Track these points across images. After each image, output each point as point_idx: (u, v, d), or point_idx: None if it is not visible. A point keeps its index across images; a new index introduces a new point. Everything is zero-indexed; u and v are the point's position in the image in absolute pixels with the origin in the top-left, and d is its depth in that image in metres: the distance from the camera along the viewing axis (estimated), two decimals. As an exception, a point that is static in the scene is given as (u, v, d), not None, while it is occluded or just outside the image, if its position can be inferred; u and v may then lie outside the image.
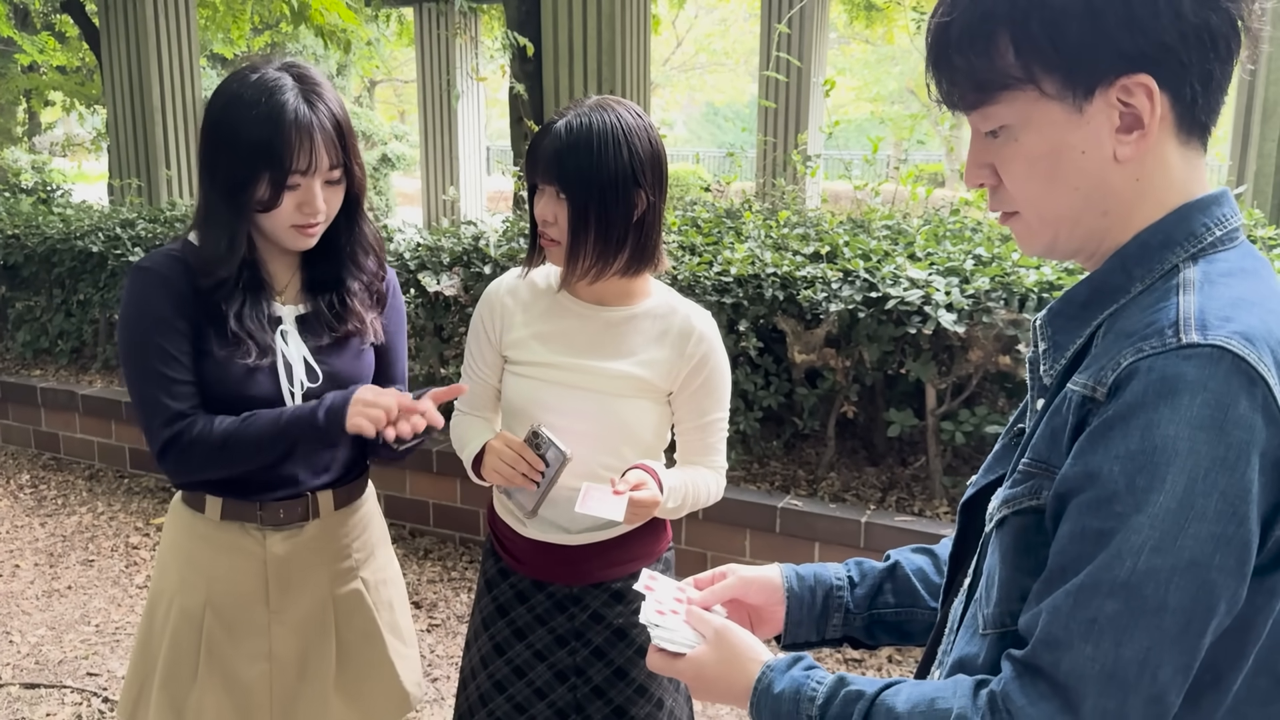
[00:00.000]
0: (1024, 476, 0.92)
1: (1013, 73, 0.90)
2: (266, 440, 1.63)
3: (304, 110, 1.60)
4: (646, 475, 1.66)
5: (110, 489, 4.79)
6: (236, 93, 1.62)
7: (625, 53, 5.57)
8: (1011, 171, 0.95)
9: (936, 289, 3.21)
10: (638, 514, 1.63)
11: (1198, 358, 0.81)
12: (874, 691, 0.93)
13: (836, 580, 1.22)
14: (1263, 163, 6.98)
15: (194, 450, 1.62)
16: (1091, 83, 0.88)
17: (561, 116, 1.67)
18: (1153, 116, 0.88)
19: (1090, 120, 0.90)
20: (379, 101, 26.44)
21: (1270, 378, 0.81)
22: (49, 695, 3.08)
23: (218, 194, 1.64)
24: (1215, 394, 0.80)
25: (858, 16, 12.32)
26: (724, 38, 26.30)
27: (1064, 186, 0.93)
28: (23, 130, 15.62)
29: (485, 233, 4.27)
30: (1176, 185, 0.92)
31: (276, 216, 1.64)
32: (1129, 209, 0.92)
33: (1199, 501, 0.79)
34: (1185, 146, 0.92)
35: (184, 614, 1.76)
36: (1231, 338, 0.81)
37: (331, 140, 1.63)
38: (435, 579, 3.84)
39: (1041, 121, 0.91)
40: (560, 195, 1.64)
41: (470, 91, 12.06)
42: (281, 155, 1.58)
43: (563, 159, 1.63)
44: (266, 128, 1.58)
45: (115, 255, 5.15)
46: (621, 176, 1.63)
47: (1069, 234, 0.96)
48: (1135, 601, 0.80)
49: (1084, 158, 0.91)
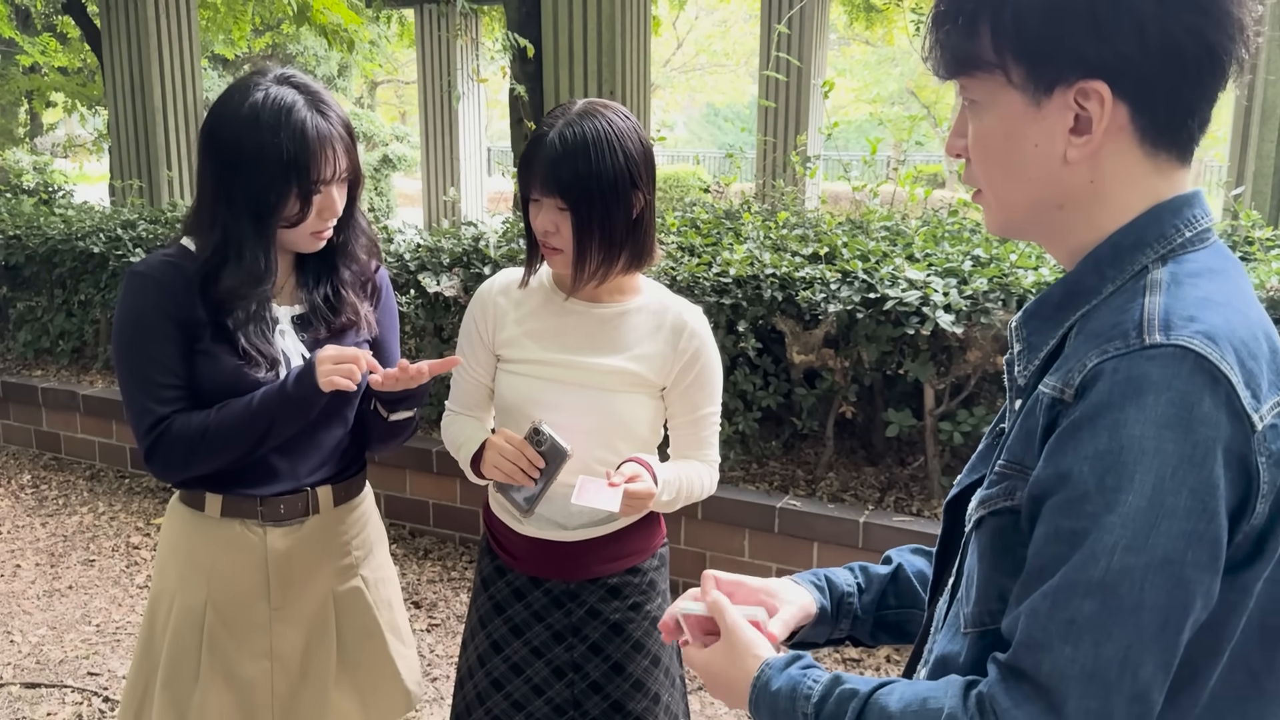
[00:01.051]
0: (1000, 477, 0.94)
1: (986, 56, 0.92)
2: (243, 422, 1.65)
3: (321, 123, 1.64)
4: (641, 468, 1.68)
5: (111, 489, 4.80)
6: (250, 117, 1.61)
7: (625, 54, 5.58)
8: (974, 148, 0.98)
9: (935, 290, 3.22)
10: (633, 506, 1.65)
11: (1161, 358, 0.82)
12: (868, 691, 0.94)
13: (846, 588, 1.23)
14: (1261, 164, 6.99)
15: (176, 446, 1.65)
16: (1051, 80, 0.90)
17: (551, 126, 1.67)
18: (1100, 124, 0.89)
19: (1046, 116, 0.91)
20: (380, 102, 26.48)
21: (1233, 375, 0.82)
22: (50, 695, 3.09)
23: (244, 218, 1.64)
24: (1179, 393, 0.81)
25: (857, 18, 12.33)
26: (724, 39, 26.31)
27: (1019, 174, 0.95)
28: (24, 131, 15.64)
29: (485, 233, 4.28)
30: (1143, 191, 0.93)
31: (299, 227, 1.68)
32: (1087, 208, 0.94)
33: (1169, 499, 0.80)
34: (1153, 157, 0.92)
35: (185, 612, 1.76)
36: (1194, 337, 0.82)
37: (347, 146, 1.69)
38: (435, 579, 3.85)
39: (1003, 108, 0.93)
40: (562, 207, 1.66)
41: (471, 93, 12.07)
42: (309, 171, 1.62)
43: (560, 171, 1.64)
44: (293, 147, 1.61)
45: (116, 256, 5.17)
46: (619, 180, 1.65)
47: (1024, 219, 0.98)
48: (1112, 601, 0.81)
49: (1036, 151, 0.93)
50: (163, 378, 1.66)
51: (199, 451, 1.66)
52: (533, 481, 1.68)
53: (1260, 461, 0.83)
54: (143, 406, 1.67)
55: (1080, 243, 0.95)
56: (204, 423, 1.65)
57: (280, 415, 1.66)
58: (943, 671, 0.98)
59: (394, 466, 4.14)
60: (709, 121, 33.33)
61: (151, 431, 1.66)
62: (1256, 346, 0.86)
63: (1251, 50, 0.90)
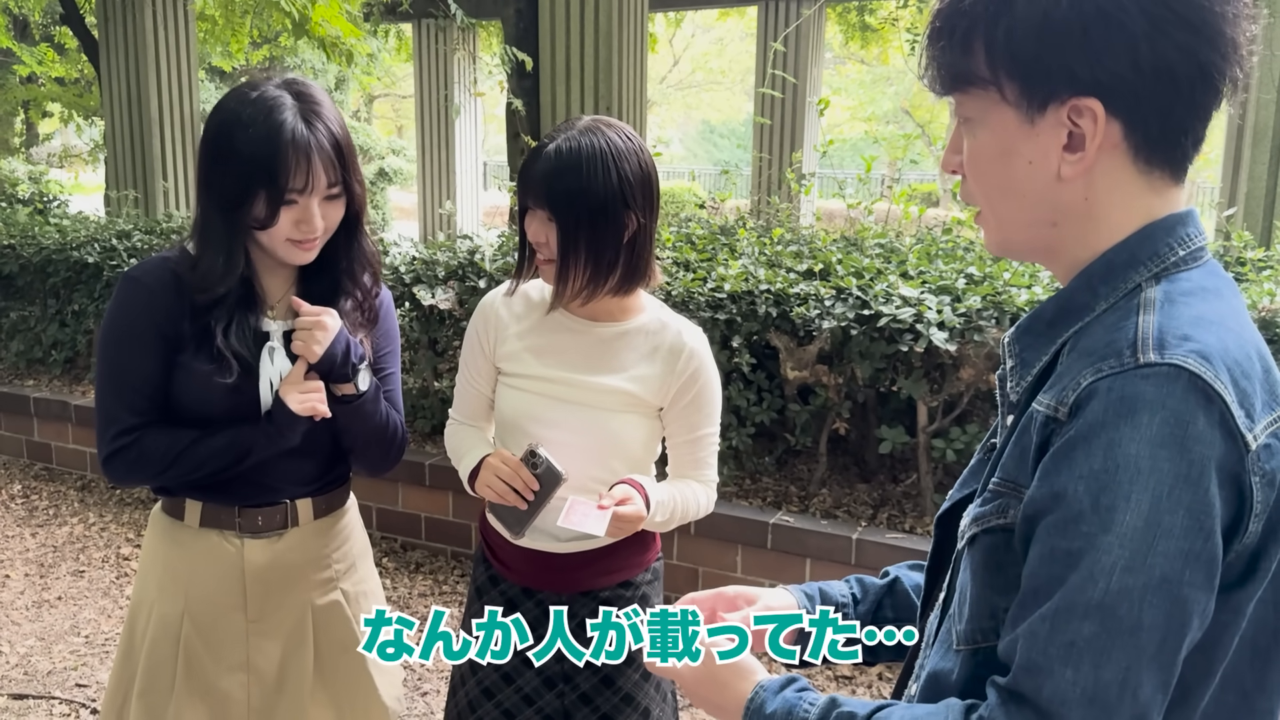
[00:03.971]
0: (993, 495, 0.93)
1: (980, 72, 0.92)
2: (216, 453, 1.67)
3: (302, 130, 1.59)
4: (633, 490, 1.67)
5: (102, 500, 4.77)
6: (235, 111, 1.62)
7: (622, 70, 5.60)
8: (970, 164, 0.98)
9: (928, 307, 3.23)
10: (621, 529, 1.65)
11: (1155, 377, 0.82)
12: (866, 713, 0.93)
13: (841, 599, 1.23)
14: (1253, 185, 7.04)
15: (142, 462, 1.68)
16: (1045, 97, 0.90)
17: (552, 139, 1.68)
18: (1093, 141, 0.89)
19: (1040, 133, 0.91)
20: (377, 116, 26.51)
21: (1227, 395, 0.82)
22: (37, 706, 3.07)
23: (215, 210, 1.64)
24: (1174, 412, 0.81)
25: (853, 37, 12.41)
26: (720, 56, 26.46)
27: (1013, 191, 0.95)
28: (20, 141, 15.64)
29: (480, 247, 4.29)
30: (1137, 209, 0.93)
31: (273, 232, 1.64)
32: (1082, 225, 0.94)
33: (1165, 519, 0.80)
34: (1146, 174, 0.92)
35: (162, 622, 1.76)
36: (1188, 356, 0.83)
37: (330, 160, 1.62)
38: (426, 592, 3.84)
39: (996, 124, 0.94)
40: (550, 219, 1.66)
41: (468, 107, 12.10)
42: (277, 175, 1.58)
43: (551, 183, 1.64)
44: (264, 147, 1.58)
45: (110, 266, 5.16)
46: (610, 199, 1.64)
47: (1021, 237, 0.98)
48: (1111, 622, 0.81)
49: (1030, 168, 0.93)
50: (138, 386, 1.67)
51: (167, 473, 1.69)
52: (524, 504, 1.68)
53: (1254, 481, 0.83)
54: (112, 412, 1.68)
55: (1075, 260, 0.95)
56: (175, 452, 1.66)
57: (258, 443, 1.68)
58: (934, 688, 0.98)
59: (386, 479, 4.13)
60: (705, 138, 33.45)
61: (117, 439, 1.67)
62: (1250, 366, 0.86)
63: (1246, 69, 0.90)
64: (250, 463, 1.69)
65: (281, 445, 1.69)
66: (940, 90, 0.97)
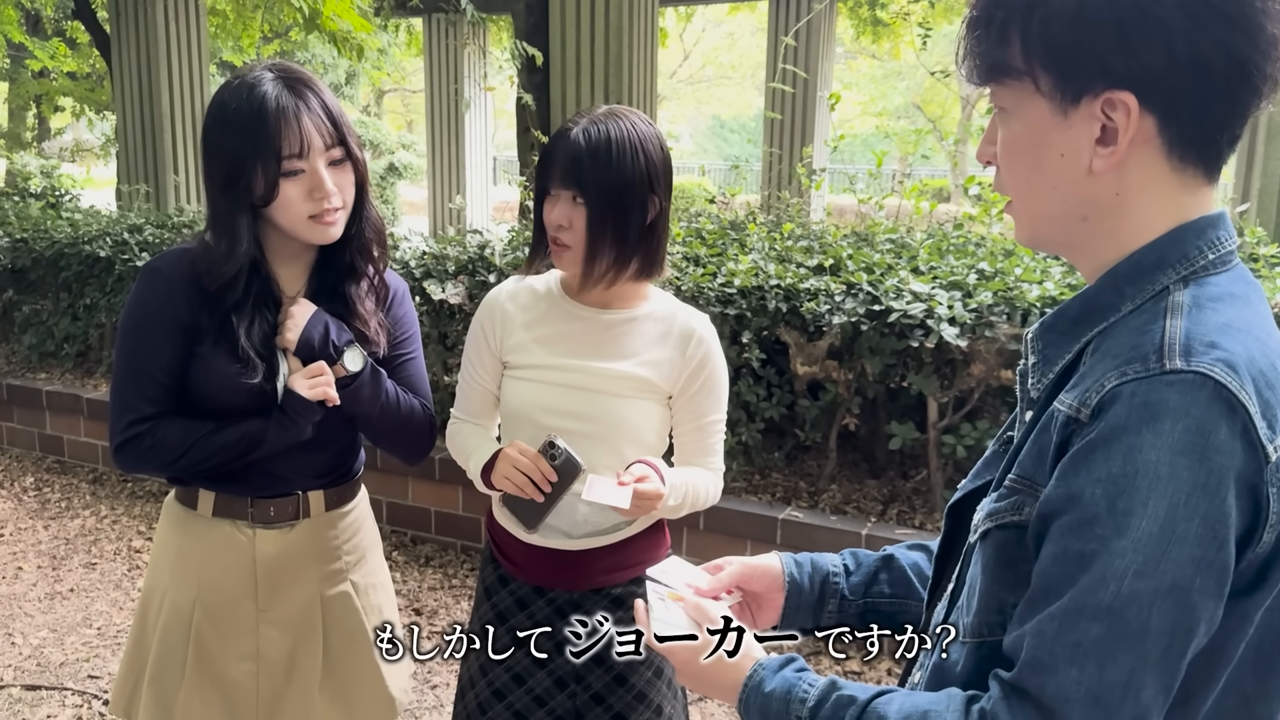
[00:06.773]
0: (1009, 491, 0.93)
1: (1015, 63, 0.92)
2: (228, 446, 1.68)
3: (286, 95, 1.61)
4: (650, 469, 1.68)
5: (114, 492, 4.80)
6: (223, 99, 1.65)
7: (632, 65, 5.60)
8: (1003, 155, 0.97)
9: (939, 303, 3.22)
10: (641, 506, 1.64)
11: (1180, 384, 0.82)
12: (866, 698, 0.94)
13: (833, 567, 1.23)
14: (1267, 181, 7.00)
15: (155, 452, 1.68)
16: (1079, 90, 0.89)
17: (575, 124, 1.69)
18: (1125, 135, 0.88)
19: (1073, 126, 0.90)
20: (387, 111, 26.55)
21: (1250, 405, 0.82)
22: (50, 697, 3.09)
23: (218, 194, 1.66)
24: (1197, 420, 0.81)
25: (864, 31, 12.36)
26: (731, 51, 26.41)
27: (1044, 183, 0.94)
28: (32, 135, 15.70)
29: (490, 242, 4.29)
30: (1168, 207, 0.92)
31: (289, 210, 1.63)
32: (1112, 221, 0.93)
33: (1180, 526, 0.80)
34: (1179, 171, 0.91)
35: (174, 610, 1.77)
36: (1214, 365, 0.82)
37: (320, 120, 1.63)
38: (436, 586, 3.85)
39: (1030, 115, 0.93)
40: (578, 200, 1.66)
41: (478, 102, 12.10)
42: (268, 141, 1.59)
43: (582, 165, 1.65)
44: (250, 120, 1.59)
45: (122, 260, 5.18)
46: (639, 182, 1.67)
47: (1050, 230, 0.97)
48: (1119, 625, 0.81)
49: (1062, 161, 0.92)
50: (155, 376, 1.68)
51: (178, 463, 1.69)
52: (541, 496, 1.68)
53: (1271, 492, 0.83)
54: (129, 400, 1.69)
55: (1104, 258, 0.94)
56: (192, 440, 1.67)
57: (271, 433, 1.68)
58: (939, 678, 0.98)
59: (396, 473, 4.15)
60: (715, 133, 33.42)
61: (130, 428, 1.68)
62: (1274, 375, 0.85)
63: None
64: (261, 454, 1.70)
65: (295, 436, 1.70)
66: (977, 80, 0.96)
